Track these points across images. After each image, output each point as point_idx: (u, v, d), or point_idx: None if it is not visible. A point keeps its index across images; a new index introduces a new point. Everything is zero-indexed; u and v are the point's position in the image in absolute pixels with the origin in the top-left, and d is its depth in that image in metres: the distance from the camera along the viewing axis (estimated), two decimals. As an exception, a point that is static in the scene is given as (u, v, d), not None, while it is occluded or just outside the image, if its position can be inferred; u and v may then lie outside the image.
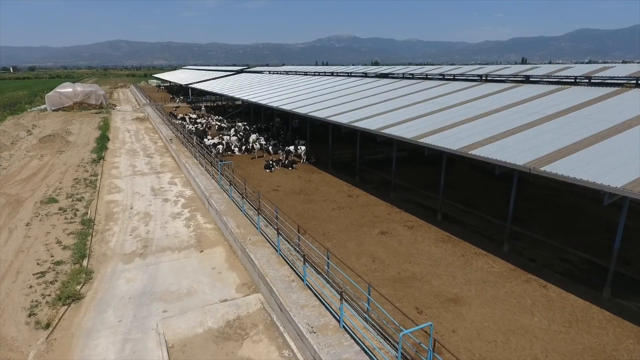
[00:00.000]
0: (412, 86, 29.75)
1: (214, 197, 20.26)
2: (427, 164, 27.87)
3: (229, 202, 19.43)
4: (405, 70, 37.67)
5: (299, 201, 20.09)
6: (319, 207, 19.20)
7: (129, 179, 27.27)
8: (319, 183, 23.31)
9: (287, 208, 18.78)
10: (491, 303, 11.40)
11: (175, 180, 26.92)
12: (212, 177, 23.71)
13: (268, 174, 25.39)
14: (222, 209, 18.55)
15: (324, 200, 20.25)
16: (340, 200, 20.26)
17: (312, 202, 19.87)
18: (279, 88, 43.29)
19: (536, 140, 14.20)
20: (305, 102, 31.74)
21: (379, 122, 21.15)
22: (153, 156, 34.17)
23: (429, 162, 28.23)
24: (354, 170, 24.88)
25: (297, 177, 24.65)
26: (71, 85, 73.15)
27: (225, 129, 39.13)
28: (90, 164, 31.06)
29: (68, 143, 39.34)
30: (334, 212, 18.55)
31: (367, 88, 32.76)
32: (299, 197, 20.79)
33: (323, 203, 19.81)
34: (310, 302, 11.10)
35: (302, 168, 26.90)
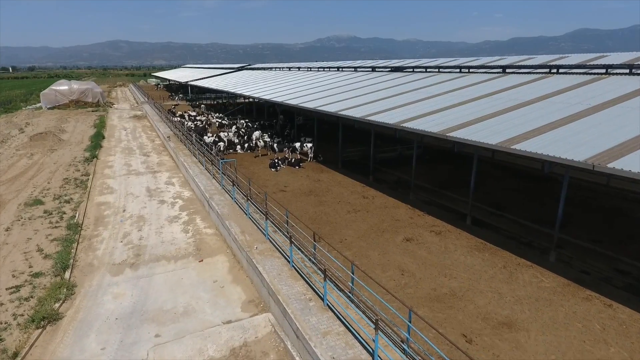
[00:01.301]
0: (426, 79, 27.75)
1: (215, 198, 18.26)
2: (444, 162, 25.93)
3: (231, 205, 17.43)
4: (418, 64, 35.67)
5: (309, 203, 18.09)
6: (332, 210, 17.20)
7: (123, 178, 25.27)
8: (329, 183, 21.31)
9: (297, 211, 16.80)
10: (552, 328, 9.41)
11: (173, 180, 24.93)
12: (212, 177, 21.71)
13: (273, 173, 23.39)
14: (225, 212, 16.55)
15: (337, 202, 18.25)
16: (354, 202, 18.26)
17: (324, 204, 17.87)
18: (283, 83, 41.32)
19: (590, 132, 12.21)
20: (312, 97, 29.77)
21: (397, 115, 19.15)
22: (150, 155, 32.18)
23: (446, 161, 26.31)
24: (366, 169, 22.93)
25: (305, 176, 22.65)
26: (67, 82, 71.19)
27: (227, 126, 37.12)
28: (82, 163, 29.07)
29: (61, 141, 37.34)
30: (350, 216, 16.56)
31: (378, 82, 30.76)
32: (309, 198, 18.80)
33: (336, 205, 17.82)
34: (334, 328, 9.11)
35: (310, 167, 24.91)
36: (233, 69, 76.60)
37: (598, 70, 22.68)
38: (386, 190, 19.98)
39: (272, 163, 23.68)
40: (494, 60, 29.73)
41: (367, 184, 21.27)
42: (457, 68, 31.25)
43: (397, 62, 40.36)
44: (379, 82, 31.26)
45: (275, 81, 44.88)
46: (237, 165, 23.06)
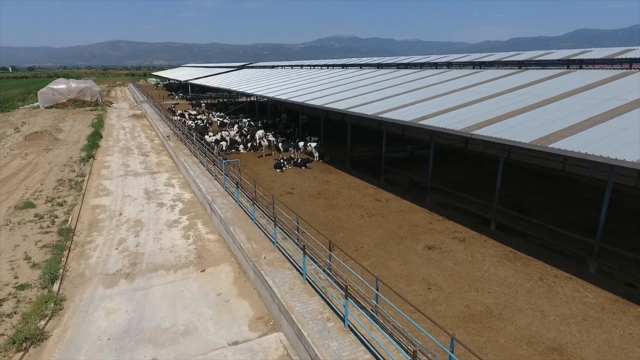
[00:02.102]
0: (438, 75, 26.51)
1: (218, 201, 17.02)
2: (457, 162, 24.69)
3: (236, 209, 16.19)
4: (427, 60, 34.45)
5: (319, 207, 16.85)
6: (344, 215, 15.96)
7: (121, 180, 24.02)
8: (338, 185, 20.07)
9: (306, 215, 15.56)
10: (609, 354, 8.17)
11: (173, 181, 23.68)
12: (214, 178, 20.47)
13: (279, 174, 22.15)
14: (228, 216, 15.30)
15: (348, 205, 17.02)
16: (368, 205, 17.02)
17: (336, 208, 16.64)
18: (287, 81, 40.10)
19: (636, 130, 10.98)
20: (318, 95, 28.57)
21: (412, 113, 17.93)
22: (149, 155, 30.93)
23: (459, 160, 25.08)
24: (376, 169, 21.75)
25: (313, 177, 21.42)
26: (65, 81, 69.93)
27: (228, 125, 35.89)
28: (78, 163, 27.82)
29: (57, 141, 36.10)
30: (364, 221, 15.32)
31: (387, 79, 29.55)
32: (318, 201, 17.56)
33: (348, 209, 16.58)
34: (358, 355, 7.87)
35: (317, 167, 23.67)
36: (234, 68, 75.39)
37: (623, 64, 21.46)
38: (400, 193, 18.74)
39: (278, 163, 22.44)
40: (510, 56, 28.49)
41: (379, 185, 20.03)
42: (470, 64, 30.08)
43: (405, 58, 39.11)
44: (388, 78, 30.04)
45: (279, 79, 43.65)
46: (240, 165, 21.84)
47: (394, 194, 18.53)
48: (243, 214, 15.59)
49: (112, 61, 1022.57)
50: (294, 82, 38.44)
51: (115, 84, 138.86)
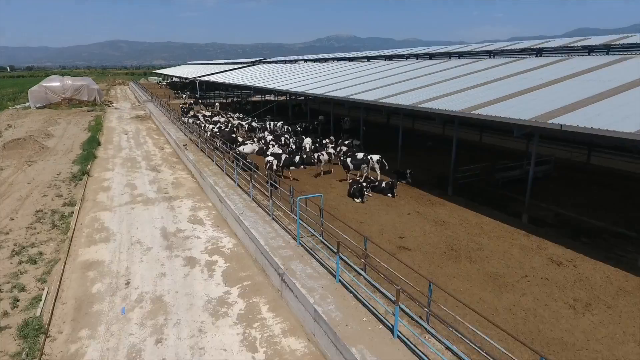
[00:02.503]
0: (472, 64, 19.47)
1: (295, 268, 9.95)
2: (589, 182, 17.58)
3: (336, 290, 9.09)
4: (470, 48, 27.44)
5: (476, 282, 9.73)
6: (532, 303, 8.84)
7: (125, 211, 16.95)
8: (464, 228, 12.98)
9: (472, 304, 8.48)
10: None
11: (200, 213, 16.60)
12: (273, 218, 13.38)
13: (359, 206, 15.05)
14: (334, 317, 8.18)
15: (520, 277, 9.91)
16: (553, 276, 9.92)
17: (507, 287, 9.49)
18: (317, 76, 33.00)
19: None
20: (360, 89, 21.99)
21: (536, 108, 11.08)
22: (160, 169, 23.83)
23: (591, 180, 17.92)
24: (487, 194, 15.30)
25: (415, 213, 14.31)
26: (59, 78, 62.86)
27: (259, 130, 28.75)
28: (67, 182, 20.74)
29: (43, 149, 28.98)
30: (587, 322, 8.23)
31: (441, 69, 22.65)
32: (462, 267, 10.45)
33: (527, 286, 9.47)
34: None
35: (406, 194, 16.58)
36: (246, 64, 68.31)
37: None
38: (570, 243, 11.69)
39: (357, 190, 15.29)
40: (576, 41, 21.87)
41: (520, 226, 12.99)
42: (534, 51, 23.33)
43: (439, 48, 31.90)
44: (441, 69, 23.34)
45: (304, 74, 36.59)
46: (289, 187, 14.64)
47: (566, 247, 11.46)
48: (356, 305, 8.49)
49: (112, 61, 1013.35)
50: (325, 77, 31.43)
51: (115, 82, 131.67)
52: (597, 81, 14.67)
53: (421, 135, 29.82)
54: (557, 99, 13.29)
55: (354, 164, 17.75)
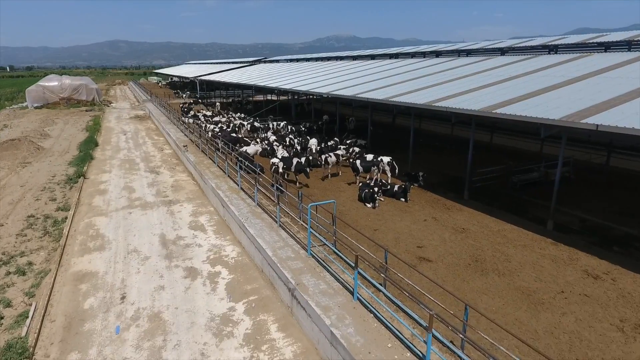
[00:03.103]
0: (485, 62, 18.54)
1: (308, 283, 9.03)
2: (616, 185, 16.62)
3: (354, 309, 8.17)
4: (480, 46, 26.50)
5: (509, 299, 8.78)
6: (574, 324, 7.94)
7: (122, 216, 16.02)
8: (485, 235, 12.06)
9: (499, 318, 7.57)
10: None
11: (201, 219, 15.66)
12: (280, 225, 12.45)
13: (371, 212, 14.13)
14: (352, 339, 7.27)
15: (557, 292, 8.99)
16: (595, 293, 8.97)
17: (543, 305, 8.54)
18: (320, 75, 32.11)
19: None
20: (367, 87, 21.17)
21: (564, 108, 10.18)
22: (160, 171, 22.91)
23: (620, 183, 16.95)
24: (504, 198, 14.54)
25: (432, 219, 13.39)
26: (57, 78, 61.91)
27: (261, 131, 27.82)
28: (62, 185, 19.82)
29: (39, 150, 28.05)
30: (637, 344, 7.33)
31: (448, 68, 21.69)
32: (491, 281, 9.51)
33: (569, 304, 8.55)
34: None
35: (419, 198, 15.66)
36: (247, 63, 67.39)
37: None
38: (604, 254, 10.77)
39: (368, 194, 14.34)
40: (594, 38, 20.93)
41: (545, 234, 12.08)
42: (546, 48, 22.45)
43: (445, 46, 30.92)
44: (451, 67, 22.43)
45: (307, 73, 35.70)
46: (309, 196, 13.67)
47: (599, 258, 10.54)
48: (378, 327, 7.57)
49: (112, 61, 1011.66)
50: (329, 75, 30.55)
51: (114, 82, 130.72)
52: (625, 78, 13.77)
53: (429, 136, 28.90)
54: (585, 97, 12.40)
55: (363, 166, 16.82)
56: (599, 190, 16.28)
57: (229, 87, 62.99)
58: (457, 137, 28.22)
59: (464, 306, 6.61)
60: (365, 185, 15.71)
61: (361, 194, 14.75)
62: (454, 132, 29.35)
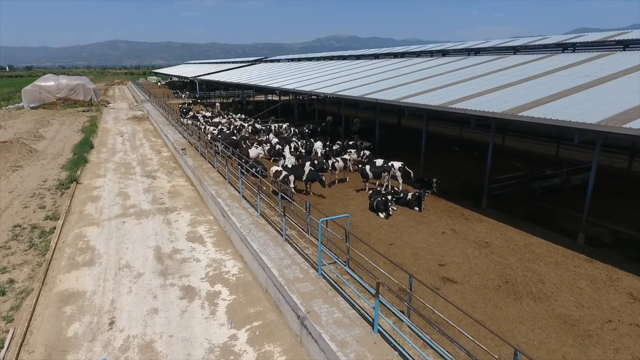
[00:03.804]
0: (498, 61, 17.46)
1: (320, 311, 7.95)
2: None
3: (374, 344, 7.08)
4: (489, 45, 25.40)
5: (548, 326, 7.73)
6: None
7: (115, 225, 14.93)
8: (510, 250, 10.98)
9: (544, 355, 6.54)
10: None
11: (200, 229, 14.58)
12: (279, 234, 11.38)
13: (384, 222, 13.04)
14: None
15: (603, 321, 7.92)
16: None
17: (592, 336, 7.50)
18: (327, 74, 31.05)
19: None
20: (375, 87, 20.15)
21: None
22: (156, 175, 21.82)
23: None
24: (530, 208, 13.45)
25: (451, 231, 12.31)
26: (54, 77, 60.87)
27: (263, 132, 26.73)
28: (53, 190, 18.74)
29: (31, 153, 26.96)
30: None
31: (456, 68, 20.64)
32: (524, 306, 8.43)
33: (620, 336, 7.48)
34: None
35: (434, 206, 14.58)
36: (247, 62, 66.30)
37: None
38: (647, 273, 9.69)
39: (381, 203, 13.25)
40: (616, 35, 19.79)
41: (575, 248, 11.00)
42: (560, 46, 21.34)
43: (453, 45, 29.78)
44: (462, 67, 21.35)
45: (310, 72, 34.64)
46: (311, 205, 12.55)
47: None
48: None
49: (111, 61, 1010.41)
50: (332, 75, 29.53)
51: (113, 82, 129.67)
52: (660, 78, 12.71)
53: (436, 138, 27.82)
54: (620, 98, 11.33)
55: (373, 172, 15.73)
56: (624, 198, 15.22)
57: (229, 87, 61.94)
58: (466, 140, 27.14)
59: (504, 340, 5.53)
60: (376, 192, 14.63)
61: (373, 203, 13.65)
62: (463, 135, 28.28)
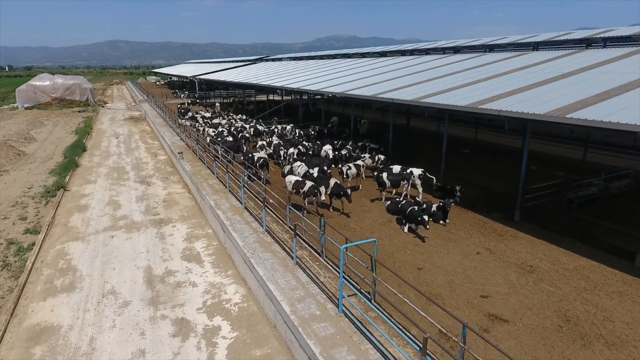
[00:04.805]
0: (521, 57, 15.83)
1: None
2: None
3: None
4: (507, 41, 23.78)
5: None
6: None
7: (102, 240, 13.31)
8: (560, 276, 9.35)
9: None
10: None
11: (197, 245, 12.95)
12: (289, 255, 9.76)
13: (408, 240, 11.40)
14: None
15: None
16: None
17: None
18: (332, 72, 29.45)
19: None
20: (388, 86, 18.56)
21: None
22: (151, 182, 20.20)
23: None
24: (568, 221, 11.87)
25: (483, 250, 10.68)
26: (49, 77, 59.22)
27: (266, 135, 25.10)
28: (38, 199, 17.13)
29: (19, 156, 25.34)
30: None
31: (475, 65, 19.05)
32: (597, 355, 6.83)
33: None
34: None
35: (460, 219, 12.96)
36: (248, 61, 64.68)
37: None
38: None
39: (418, 214, 11.50)
40: None
41: (636, 273, 9.38)
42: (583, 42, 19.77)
43: (467, 41, 28.09)
44: (482, 64, 19.76)
45: (314, 71, 33.07)
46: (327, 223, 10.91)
47: None
48: None
49: (111, 61, 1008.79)
50: (339, 74, 27.94)
51: (112, 82, 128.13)
52: None
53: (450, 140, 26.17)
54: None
55: (391, 180, 14.10)
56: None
57: (229, 87, 60.34)
58: (481, 142, 25.52)
59: None
60: (394, 202, 13.02)
61: (407, 213, 11.79)
62: (478, 137, 26.65)
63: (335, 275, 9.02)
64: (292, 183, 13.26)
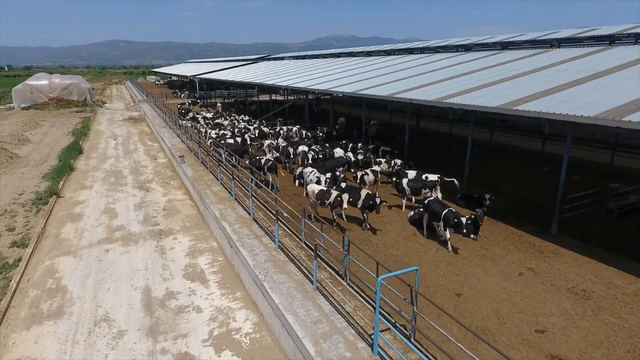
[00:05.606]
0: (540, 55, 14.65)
1: None
2: None
3: None
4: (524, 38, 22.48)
5: None
6: None
7: (96, 255, 12.08)
8: (621, 303, 8.15)
9: None
10: None
11: (201, 261, 11.72)
12: (308, 278, 8.54)
13: (440, 257, 10.17)
14: None
15: None
16: None
17: None
18: (340, 71, 28.24)
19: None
20: (402, 85, 17.35)
21: None
22: (150, 187, 18.97)
23: None
24: (610, 233, 10.68)
25: (526, 270, 9.45)
26: (47, 76, 57.95)
27: (271, 136, 23.85)
28: (28, 206, 15.90)
29: (11, 159, 24.10)
30: None
31: (494, 64, 17.86)
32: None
33: None
34: None
35: (488, 232, 11.74)
36: (250, 60, 63.43)
37: None
38: None
39: (452, 219, 10.24)
40: None
41: None
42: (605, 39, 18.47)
43: (480, 39, 26.79)
44: (502, 62, 18.55)
45: (319, 70, 31.88)
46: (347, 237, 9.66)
47: None
48: None
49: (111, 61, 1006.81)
50: (346, 73, 26.77)
51: (111, 81, 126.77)
52: None
53: (463, 142, 24.96)
54: None
55: (411, 187, 12.87)
56: None
57: (230, 87, 59.13)
58: (496, 145, 24.27)
59: None
60: (418, 213, 11.80)
61: (440, 216, 10.48)
62: (493, 138, 25.42)
63: (362, 303, 7.80)
64: (315, 193, 12.00)
